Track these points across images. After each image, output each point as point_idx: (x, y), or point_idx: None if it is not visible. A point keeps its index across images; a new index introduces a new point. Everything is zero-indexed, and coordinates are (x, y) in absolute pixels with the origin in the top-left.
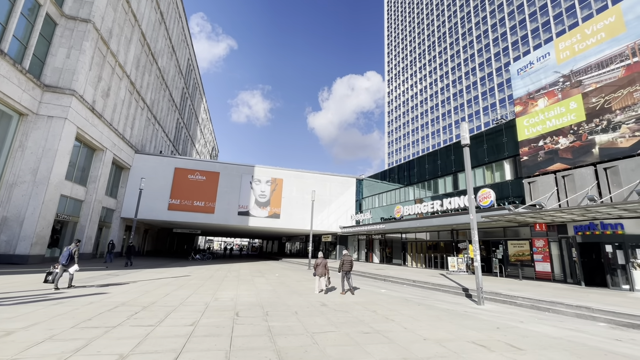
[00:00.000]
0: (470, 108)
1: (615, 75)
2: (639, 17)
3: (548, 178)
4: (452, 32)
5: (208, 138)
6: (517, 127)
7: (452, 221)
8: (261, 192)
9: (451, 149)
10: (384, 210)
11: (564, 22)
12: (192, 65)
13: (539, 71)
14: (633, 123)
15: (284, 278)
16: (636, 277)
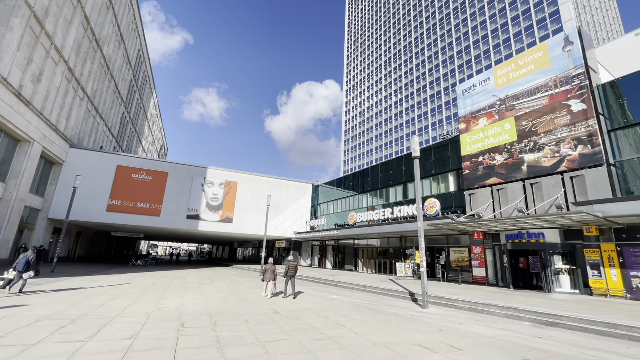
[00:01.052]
0: (420, 122)
1: (541, 103)
2: (561, 55)
3: (486, 191)
4: (406, 50)
5: (157, 135)
6: (460, 143)
7: (401, 228)
8: (213, 195)
9: (402, 160)
10: (338, 217)
11: (501, 52)
12: (143, 57)
13: (480, 93)
14: (554, 145)
15: (234, 285)
16: (553, 280)
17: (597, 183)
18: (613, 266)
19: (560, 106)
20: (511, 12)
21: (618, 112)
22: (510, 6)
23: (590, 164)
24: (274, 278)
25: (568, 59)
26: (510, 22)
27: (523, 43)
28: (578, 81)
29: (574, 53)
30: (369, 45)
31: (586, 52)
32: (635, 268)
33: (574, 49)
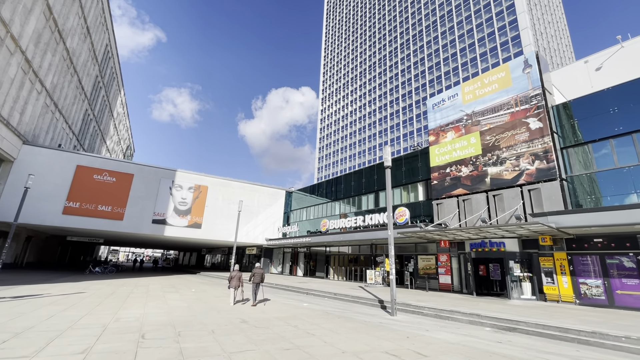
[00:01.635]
0: (392, 133)
1: (503, 120)
2: (521, 76)
3: (452, 201)
4: (380, 63)
5: (123, 135)
6: (430, 154)
7: (372, 236)
8: (182, 199)
9: (375, 169)
10: (311, 224)
11: (469, 70)
12: (111, 53)
13: (449, 108)
14: (514, 160)
15: (201, 293)
16: (512, 287)
17: (551, 196)
18: (564, 274)
19: (520, 123)
20: (478, 34)
21: (570, 132)
22: (477, 28)
23: (546, 178)
24: (240, 285)
25: (527, 80)
26: (477, 42)
27: (488, 63)
28: (536, 101)
29: (533, 75)
30: (345, 55)
31: (543, 75)
32: (583, 276)
33: (532, 71)
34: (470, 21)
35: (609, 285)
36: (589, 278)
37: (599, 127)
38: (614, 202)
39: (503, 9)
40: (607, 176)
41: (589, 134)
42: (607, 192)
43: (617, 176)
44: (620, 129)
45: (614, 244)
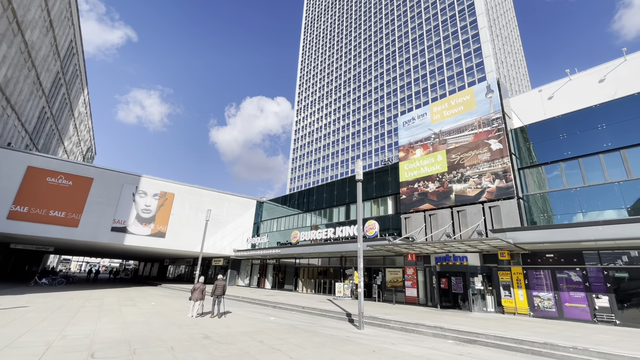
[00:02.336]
0: (364, 147)
1: (468, 140)
2: (484, 100)
3: (419, 215)
4: (355, 79)
5: (84, 136)
6: (399, 169)
7: (342, 248)
8: (145, 207)
9: (346, 182)
10: (282, 235)
11: (437, 91)
12: (76, 49)
13: (419, 126)
14: (477, 178)
15: (161, 307)
16: (474, 300)
17: (509, 213)
18: (520, 287)
19: (482, 144)
20: (446, 58)
21: (526, 154)
22: (445, 53)
23: (505, 196)
24: (202, 298)
25: (489, 104)
26: (445, 66)
27: (455, 86)
28: (497, 124)
29: (494, 100)
30: (321, 69)
31: (503, 100)
32: (537, 289)
33: (494, 96)
34: (440, 46)
35: (558, 298)
36: (542, 291)
37: (550, 151)
38: (563, 220)
39: (469, 37)
40: (558, 196)
41: (542, 156)
42: (558, 211)
43: (566, 196)
44: (568, 153)
45: (563, 259)
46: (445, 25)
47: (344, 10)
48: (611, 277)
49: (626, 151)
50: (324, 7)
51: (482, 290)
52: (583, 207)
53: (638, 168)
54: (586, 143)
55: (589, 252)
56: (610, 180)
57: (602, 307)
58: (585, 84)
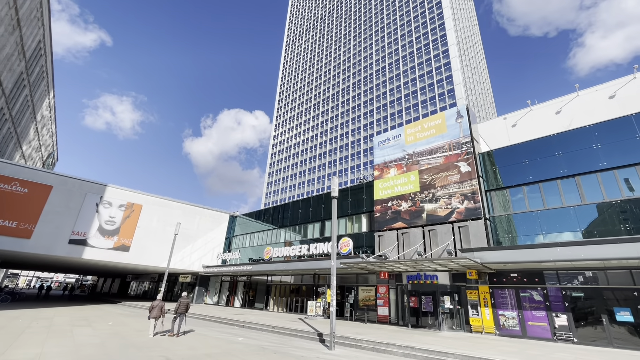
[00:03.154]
0: (341, 165)
1: (439, 161)
2: (454, 124)
3: (392, 233)
4: (334, 98)
5: (46, 141)
6: (374, 188)
7: (316, 266)
8: (110, 218)
9: (322, 198)
10: (254, 251)
11: (411, 114)
12: (44, 50)
13: (393, 147)
14: (447, 198)
15: (120, 327)
16: (443, 319)
17: (477, 233)
18: (487, 306)
19: (452, 166)
20: (420, 84)
21: (492, 177)
22: (419, 79)
23: (473, 217)
24: (161, 315)
25: (459, 128)
26: (419, 91)
27: (428, 110)
28: (466, 148)
29: (464, 125)
30: (301, 87)
31: (472, 125)
32: (502, 308)
33: (463, 121)
34: (414, 71)
35: (522, 317)
36: (507, 310)
37: (514, 175)
38: (526, 241)
39: (441, 65)
40: (521, 218)
41: (507, 180)
42: (521, 232)
43: (528, 218)
44: (530, 178)
45: (526, 279)
46: (419, 53)
47: (325, 31)
48: (569, 296)
49: (580, 178)
50: (306, 27)
51: (452, 309)
52: (543, 229)
53: (590, 194)
54: (545, 169)
55: (549, 272)
56: (567, 205)
57: (562, 326)
58: (544, 114)
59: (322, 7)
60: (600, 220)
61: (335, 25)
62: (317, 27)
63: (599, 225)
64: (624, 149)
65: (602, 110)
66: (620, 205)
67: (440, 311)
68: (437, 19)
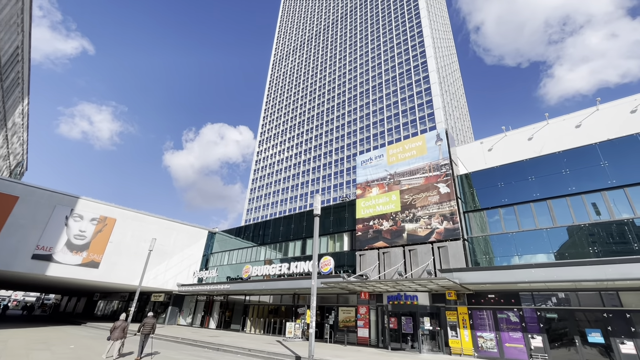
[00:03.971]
0: (324, 183)
1: (419, 182)
2: (434, 147)
3: (374, 253)
4: (318, 117)
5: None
6: (356, 206)
7: (296, 285)
8: (80, 232)
9: (304, 215)
10: (233, 269)
11: (393, 135)
12: (21, 57)
13: (376, 166)
14: (427, 218)
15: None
16: (423, 340)
17: (456, 254)
18: (466, 327)
19: (432, 187)
20: (402, 107)
21: (470, 198)
22: (401, 102)
23: (452, 237)
24: (123, 337)
25: (439, 151)
26: (401, 114)
27: (409, 132)
28: (445, 169)
29: (443, 147)
30: (286, 104)
31: (450, 148)
32: (480, 329)
33: (443, 144)
34: (397, 95)
35: (499, 339)
36: (485, 331)
37: (491, 197)
38: (502, 262)
39: (422, 90)
40: (498, 239)
41: (484, 201)
42: (498, 253)
43: (505, 240)
44: (505, 200)
45: (502, 300)
46: (402, 78)
47: (312, 52)
48: (543, 317)
49: (551, 201)
50: (293, 47)
51: (432, 330)
52: (519, 250)
53: (561, 217)
54: (520, 192)
55: (525, 293)
56: (540, 227)
57: (537, 347)
58: (518, 140)
59: (310, 29)
60: (571, 242)
61: (322, 47)
62: (304, 47)
63: (569, 248)
64: (590, 175)
65: (570, 138)
66: (589, 229)
67: (420, 332)
68: (419, 47)
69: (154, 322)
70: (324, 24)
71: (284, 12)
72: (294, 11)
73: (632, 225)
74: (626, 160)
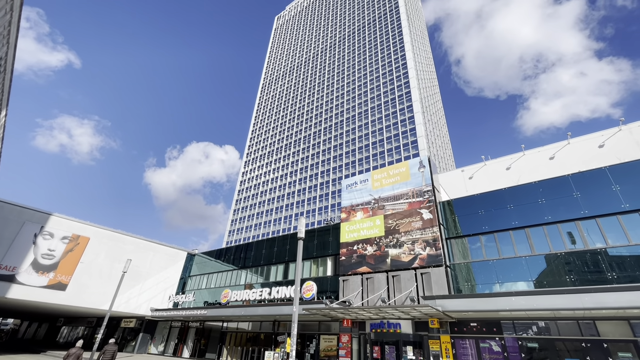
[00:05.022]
0: (309, 205)
1: (403, 207)
2: (417, 173)
3: (357, 278)
4: (305, 140)
5: None
6: (340, 230)
7: (277, 311)
8: (48, 251)
9: (288, 239)
10: (211, 294)
11: (378, 160)
12: (4, 68)
13: (361, 190)
14: (410, 244)
15: None
16: None
17: (438, 281)
18: (449, 357)
19: (415, 213)
20: (387, 133)
21: (452, 225)
22: (386, 129)
23: (435, 264)
24: None
25: (422, 177)
26: (386, 140)
27: (393, 158)
28: (427, 196)
29: (426, 174)
30: (273, 127)
31: (433, 175)
32: (463, 359)
33: (425, 171)
34: (382, 122)
35: None
36: None
37: (472, 224)
38: (484, 290)
39: (406, 118)
40: (479, 266)
41: (465, 228)
42: (479, 280)
43: (486, 267)
44: (486, 227)
45: (485, 329)
46: (387, 106)
47: (300, 78)
48: (525, 347)
49: (529, 230)
50: (283, 72)
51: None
52: (500, 277)
53: (539, 245)
54: (499, 220)
55: (506, 321)
56: (519, 255)
57: None
58: (497, 169)
59: (300, 55)
60: (549, 270)
61: (311, 72)
62: (293, 72)
63: (548, 276)
64: (565, 204)
65: (545, 169)
66: (565, 257)
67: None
68: (403, 77)
69: (114, 350)
70: (314, 52)
71: (275, 37)
72: (285, 37)
73: (605, 254)
74: (596, 192)
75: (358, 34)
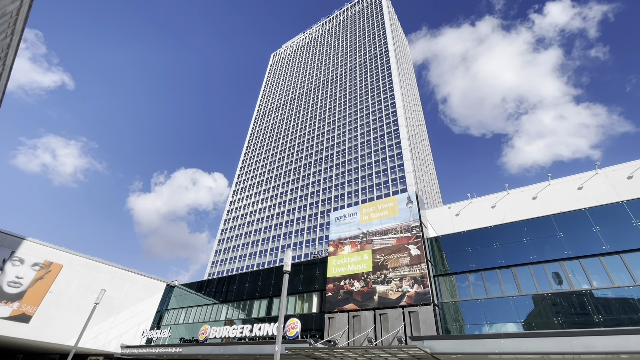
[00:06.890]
0: (296, 237)
1: (391, 242)
2: (405, 208)
3: (343, 316)
4: (294, 172)
5: None
6: (328, 264)
7: (258, 351)
8: (16, 279)
9: (273, 272)
10: (188, 329)
11: (367, 194)
12: None
13: (349, 224)
14: (398, 281)
15: None
16: None
17: (426, 320)
18: None
19: (403, 248)
20: (375, 168)
21: (440, 262)
22: (375, 164)
23: (422, 302)
24: None
25: (409, 213)
26: (374, 175)
27: (382, 192)
28: (415, 231)
29: (413, 210)
30: (264, 157)
31: (420, 211)
32: None
33: (413, 206)
34: (371, 156)
35: None
36: None
37: (459, 262)
38: (473, 330)
39: (394, 154)
40: (467, 305)
41: (453, 266)
42: (468, 320)
43: (474, 306)
44: (473, 266)
45: None
46: (376, 142)
47: (293, 112)
48: None
49: (515, 269)
50: (276, 105)
51: None
52: (488, 318)
53: (525, 285)
54: (486, 258)
55: None
56: (507, 294)
57: None
58: (482, 207)
59: (294, 90)
60: (537, 312)
61: (303, 108)
62: (287, 106)
63: (536, 317)
64: (549, 244)
65: (528, 209)
66: (552, 298)
67: None
68: (392, 116)
69: None
70: (307, 88)
71: (270, 72)
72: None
73: (590, 296)
74: (578, 233)
75: (349, 72)
